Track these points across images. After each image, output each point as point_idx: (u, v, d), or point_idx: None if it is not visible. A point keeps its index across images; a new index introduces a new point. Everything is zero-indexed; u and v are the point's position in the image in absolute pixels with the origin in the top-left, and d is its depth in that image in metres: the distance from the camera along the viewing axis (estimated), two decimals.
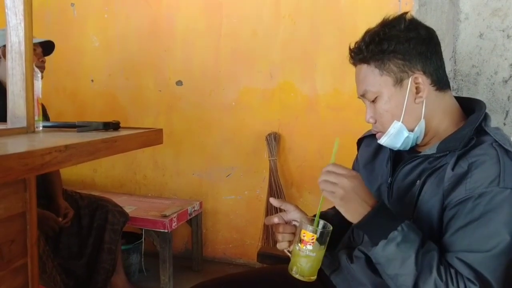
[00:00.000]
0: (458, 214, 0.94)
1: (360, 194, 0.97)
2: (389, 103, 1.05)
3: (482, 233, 0.91)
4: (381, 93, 1.05)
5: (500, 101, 1.50)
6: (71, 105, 3.26)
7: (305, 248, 1.03)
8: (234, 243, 3.00)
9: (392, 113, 1.05)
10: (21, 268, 1.02)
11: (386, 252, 0.94)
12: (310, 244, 1.02)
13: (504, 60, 1.48)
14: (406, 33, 1.02)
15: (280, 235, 1.13)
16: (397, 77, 1.03)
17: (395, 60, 1.02)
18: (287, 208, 1.17)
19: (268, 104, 2.82)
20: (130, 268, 2.65)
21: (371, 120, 1.11)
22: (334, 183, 0.97)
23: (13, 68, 1.08)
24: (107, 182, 3.27)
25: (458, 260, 0.91)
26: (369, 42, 1.05)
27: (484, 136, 1.00)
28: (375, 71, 1.05)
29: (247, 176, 2.91)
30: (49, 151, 0.81)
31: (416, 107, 1.04)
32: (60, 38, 3.19)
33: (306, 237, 1.03)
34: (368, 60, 1.06)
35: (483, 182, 0.92)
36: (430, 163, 1.04)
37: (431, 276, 0.90)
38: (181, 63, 2.97)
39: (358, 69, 1.11)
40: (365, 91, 1.08)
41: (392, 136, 1.07)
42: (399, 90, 1.04)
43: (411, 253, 0.92)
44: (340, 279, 1.18)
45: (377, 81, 1.05)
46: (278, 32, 2.74)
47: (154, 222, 2.49)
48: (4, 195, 0.95)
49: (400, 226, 0.93)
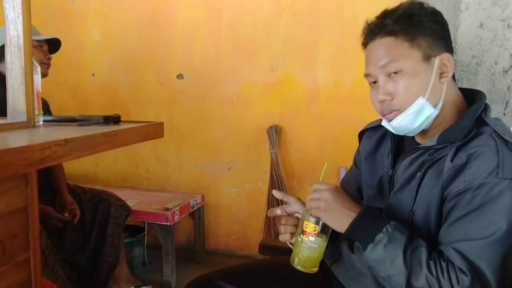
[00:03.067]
0: (457, 205, 0.94)
1: (342, 203, 1.01)
2: (416, 78, 1.01)
3: (479, 223, 0.90)
4: (407, 66, 1.01)
5: (500, 91, 1.50)
6: (72, 100, 3.26)
7: (307, 239, 1.04)
8: (236, 235, 3.01)
9: (418, 89, 1.01)
10: (23, 263, 1.03)
11: (375, 255, 0.96)
12: (313, 236, 1.04)
13: (504, 50, 1.47)
14: (433, 16, 1.02)
15: (282, 227, 1.14)
16: (425, 53, 1.01)
17: (425, 37, 1.01)
18: (289, 201, 1.18)
19: (269, 97, 2.81)
20: (133, 261, 2.67)
21: (387, 97, 1.04)
22: (317, 199, 1.03)
23: (12, 63, 1.08)
24: (109, 176, 3.28)
25: (453, 250, 0.91)
26: (398, 17, 1.02)
27: (484, 127, 0.99)
28: (404, 44, 1.01)
29: (249, 169, 2.91)
30: (49, 145, 0.81)
31: (439, 87, 1.03)
32: (61, 32, 3.17)
33: (308, 229, 1.04)
34: (397, 32, 1.01)
35: (482, 173, 0.91)
36: (430, 155, 1.03)
37: (421, 272, 0.91)
38: (182, 56, 2.97)
39: (379, 42, 1.05)
40: (389, 61, 1.02)
41: (412, 115, 1.02)
42: (427, 66, 1.01)
43: (399, 252, 0.93)
44: (341, 270, 1.18)
45: (405, 53, 1.01)
46: (278, 25, 2.73)
47: (157, 215, 2.50)
48: (6, 190, 0.95)
49: (384, 228, 0.95)
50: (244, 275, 1.25)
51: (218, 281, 1.21)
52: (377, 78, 1.05)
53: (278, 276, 1.23)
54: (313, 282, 1.22)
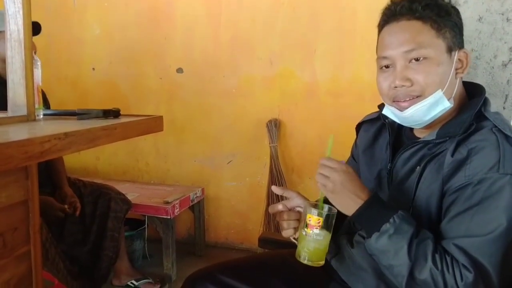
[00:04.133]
0: (457, 200, 0.93)
1: (350, 188, 0.98)
2: (439, 68, 0.98)
3: (480, 219, 0.90)
4: (432, 55, 0.98)
5: (500, 85, 1.50)
6: (72, 94, 3.26)
7: (312, 232, 1.03)
8: (236, 229, 3.03)
9: (440, 79, 0.99)
10: (24, 256, 1.03)
11: (379, 244, 0.95)
12: (317, 228, 1.03)
13: (503, 44, 1.47)
14: (455, 10, 1.02)
15: (285, 223, 1.12)
16: (449, 45, 0.99)
17: (450, 29, 0.99)
18: (289, 195, 1.15)
19: (268, 91, 2.81)
20: (133, 254, 2.68)
21: (406, 83, 1.00)
22: (326, 176, 1.00)
23: (12, 57, 1.08)
24: (109, 170, 3.28)
25: (454, 246, 0.91)
26: (427, 5, 0.99)
27: (484, 121, 0.99)
28: (431, 32, 0.98)
29: (248, 162, 2.92)
30: (49, 139, 0.82)
31: (454, 82, 1.02)
32: (61, 26, 3.19)
33: (312, 221, 1.03)
34: (425, 19, 0.98)
35: (482, 168, 0.91)
36: (430, 149, 1.03)
37: (426, 265, 0.90)
38: (181, 50, 2.96)
39: (404, 25, 1.00)
40: (415, 48, 0.98)
41: (427, 106, 1.00)
42: (449, 58, 1.00)
43: (404, 244, 0.92)
44: (341, 265, 1.18)
45: (432, 41, 0.98)
46: (277, 19, 2.73)
47: (157, 208, 2.51)
48: (6, 183, 0.95)
49: (392, 218, 0.94)
50: (244, 268, 1.25)
51: (218, 275, 1.21)
52: (394, 62, 1.02)
53: (277, 270, 1.24)
54: (312, 275, 1.22)
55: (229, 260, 1.34)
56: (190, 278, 1.25)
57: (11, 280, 0.99)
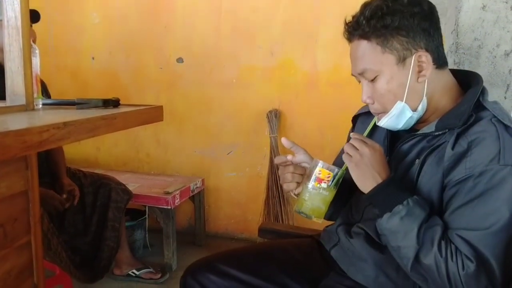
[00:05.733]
0: (458, 192, 0.93)
1: (375, 166, 0.99)
2: (391, 83, 1.00)
3: (481, 211, 0.90)
4: (382, 72, 1.00)
5: (501, 75, 1.49)
6: (72, 83, 3.25)
7: (319, 186, 1.05)
8: (235, 219, 3.03)
9: (394, 93, 1.00)
10: (25, 246, 1.03)
11: (390, 225, 0.95)
12: (325, 182, 1.04)
13: (506, 33, 1.46)
14: (410, 8, 0.97)
15: (290, 175, 1.12)
16: (400, 55, 0.98)
17: (398, 37, 0.97)
18: (297, 151, 1.16)
19: (268, 82, 2.80)
20: (134, 244, 2.68)
21: (369, 101, 1.05)
22: (355, 148, 1.01)
23: (10, 45, 1.07)
24: (110, 160, 3.28)
25: (457, 236, 0.91)
26: (371, 16, 0.98)
27: (483, 112, 0.98)
28: (377, 48, 0.99)
29: (248, 153, 2.92)
30: (47, 128, 0.81)
31: (418, 86, 1.01)
32: (60, 15, 3.16)
33: (322, 175, 1.05)
34: (369, 36, 0.99)
35: (483, 160, 0.91)
36: (429, 141, 1.02)
37: (431, 250, 0.91)
38: (182, 40, 2.95)
39: (356, 45, 1.03)
40: (364, 70, 1.02)
41: (395, 117, 1.03)
42: (402, 69, 0.99)
43: (414, 227, 0.92)
44: (340, 254, 1.18)
45: (378, 59, 0.99)
46: (278, 9, 2.71)
47: (157, 199, 2.51)
48: (6, 173, 0.95)
49: (406, 201, 0.94)
50: (244, 258, 1.25)
51: (218, 264, 1.21)
52: (360, 80, 1.06)
53: (278, 259, 1.24)
54: (312, 264, 1.22)
55: (229, 249, 1.34)
56: (190, 268, 1.25)
57: (12, 270, 0.99)
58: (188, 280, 1.21)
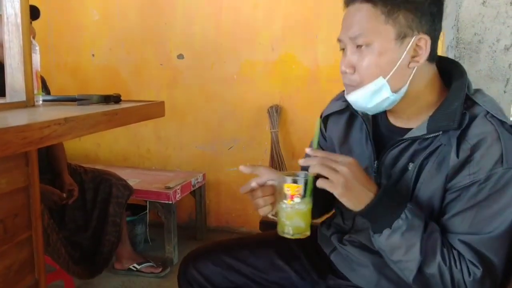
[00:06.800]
0: (460, 197, 0.90)
1: (361, 181, 0.90)
2: (382, 57, 0.92)
3: (485, 215, 0.88)
4: (376, 43, 0.92)
5: (501, 69, 1.49)
6: (72, 80, 3.25)
7: (293, 202, 0.96)
8: (236, 213, 3.04)
9: (381, 69, 0.92)
10: (25, 241, 1.04)
11: (391, 241, 0.91)
12: (297, 197, 0.96)
13: (506, 28, 1.46)
14: None
15: (261, 200, 1.03)
16: (400, 32, 0.91)
17: (406, 12, 0.90)
18: (259, 172, 1.05)
19: (269, 77, 2.80)
20: (135, 239, 2.69)
21: (349, 70, 0.96)
22: (335, 171, 0.89)
23: (10, 41, 1.07)
24: (110, 156, 3.28)
25: (460, 242, 0.89)
26: None
27: (474, 108, 0.93)
28: (380, 17, 0.91)
29: (249, 148, 2.92)
30: (48, 124, 0.81)
31: (406, 71, 0.93)
32: (60, 12, 3.16)
33: (291, 191, 0.96)
34: (375, 1, 0.91)
35: (486, 165, 0.87)
36: (421, 143, 0.96)
37: (435, 260, 0.88)
38: (182, 36, 2.94)
39: (356, 8, 0.94)
40: (359, 35, 0.93)
41: (369, 93, 0.94)
42: (398, 46, 0.91)
43: (416, 241, 0.89)
44: (340, 259, 1.15)
45: (378, 29, 0.91)
46: (279, 4, 2.70)
47: (158, 194, 2.52)
48: (6, 169, 0.96)
49: (403, 214, 0.89)
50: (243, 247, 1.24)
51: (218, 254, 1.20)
52: (346, 46, 0.98)
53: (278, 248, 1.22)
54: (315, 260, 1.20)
55: (228, 239, 1.33)
56: (189, 256, 1.24)
57: (13, 266, 0.99)
58: (188, 268, 1.21)
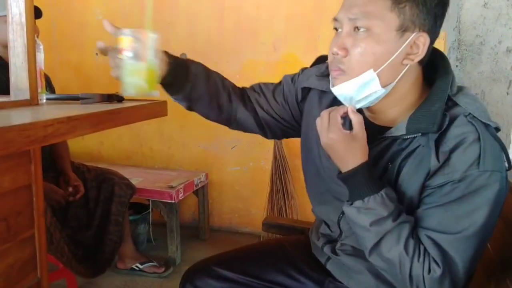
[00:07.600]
0: (434, 193, 0.90)
1: (361, 143, 0.93)
2: (379, 46, 0.88)
3: (454, 214, 0.87)
4: (377, 28, 0.87)
5: (504, 71, 1.49)
6: (76, 79, 3.26)
7: (125, 55, 0.92)
8: (239, 213, 3.04)
9: (375, 59, 0.88)
10: (28, 240, 1.04)
11: (348, 214, 0.95)
12: (129, 51, 0.92)
13: (508, 30, 1.46)
14: None
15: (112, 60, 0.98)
16: (403, 24, 0.87)
17: (412, 5, 0.86)
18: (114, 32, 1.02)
19: (271, 76, 2.77)
20: (138, 238, 2.70)
21: (341, 52, 0.91)
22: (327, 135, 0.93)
23: (14, 40, 1.07)
24: (113, 155, 3.30)
25: (427, 237, 0.89)
26: None
27: (455, 108, 0.91)
28: (387, 3, 0.87)
29: (252, 147, 2.93)
30: (52, 123, 0.82)
31: (398, 67, 0.90)
32: (64, 11, 3.17)
33: (122, 44, 0.93)
34: None
35: (462, 166, 0.86)
36: (400, 144, 0.95)
37: (397, 247, 0.89)
38: (185, 35, 2.95)
39: None
40: (361, 16, 0.88)
41: (358, 85, 0.90)
42: (397, 39, 0.88)
43: (382, 222, 0.90)
44: (336, 268, 1.14)
45: (382, 14, 0.87)
46: (282, 4, 2.71)
47: (161, 193, 2.52)
48: (9, 167, 0.96)
49: (380, 193, 0.90)
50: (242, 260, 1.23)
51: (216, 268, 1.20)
52: (342, 26, 0.94)
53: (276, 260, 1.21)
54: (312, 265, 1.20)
55: (226, 251, 1.32)
56: (188, 274, 1.23)
57: (15, 264, 0.99)
58: (187, 286, 1.20)
